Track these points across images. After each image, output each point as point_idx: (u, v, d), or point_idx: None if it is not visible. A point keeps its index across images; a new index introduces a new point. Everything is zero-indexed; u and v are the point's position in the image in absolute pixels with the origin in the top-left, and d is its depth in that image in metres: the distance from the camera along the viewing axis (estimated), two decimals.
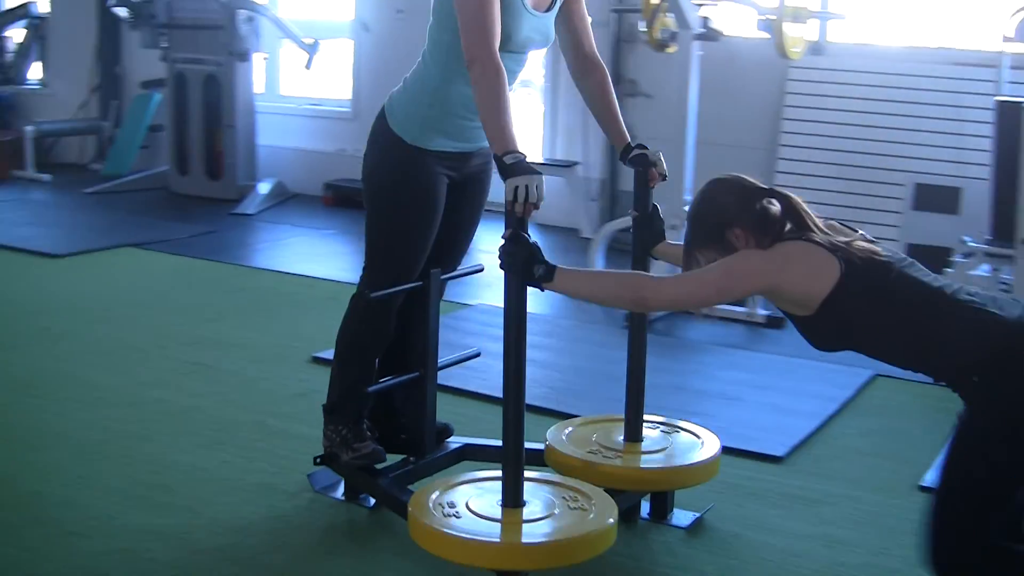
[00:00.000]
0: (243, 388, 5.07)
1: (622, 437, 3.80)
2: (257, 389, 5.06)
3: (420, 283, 3.78)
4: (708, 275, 2.96)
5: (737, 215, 2.97)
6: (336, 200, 9.65)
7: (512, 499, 3.22)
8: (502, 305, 3.15)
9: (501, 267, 3.10)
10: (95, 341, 5.74)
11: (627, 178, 7.89)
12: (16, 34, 12.38)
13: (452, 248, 3.93)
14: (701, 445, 3.80)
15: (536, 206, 3.09)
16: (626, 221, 5.76)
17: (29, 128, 10.95)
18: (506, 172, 3.12)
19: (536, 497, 3.31)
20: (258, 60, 10.09)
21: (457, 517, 3.19)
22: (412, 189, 3.69)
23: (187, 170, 10.13)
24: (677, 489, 3.86)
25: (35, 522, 3.70)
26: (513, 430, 3.19)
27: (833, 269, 2.83)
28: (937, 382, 2.89)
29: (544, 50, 3.72)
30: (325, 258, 7.84)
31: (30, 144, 10.90)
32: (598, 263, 6.72)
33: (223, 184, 9.90)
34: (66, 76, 11.94)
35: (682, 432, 3.91)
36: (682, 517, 3.86)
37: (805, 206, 2.98)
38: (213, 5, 9.64)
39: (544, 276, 3.04)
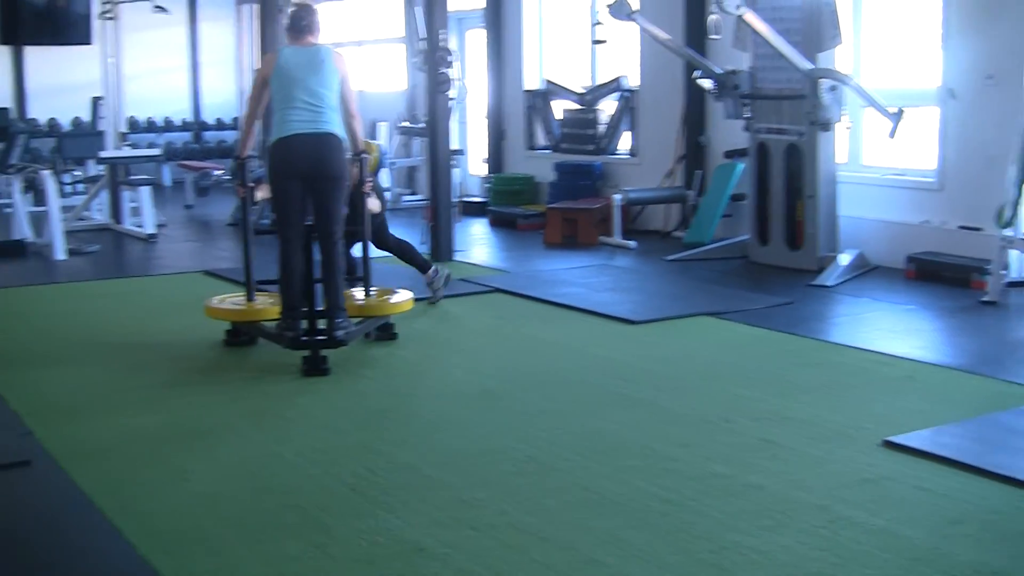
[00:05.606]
0: (808, 468, 4.90)
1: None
2: (823, 471, 4.87)
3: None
4: None
5: None
6: (919, 274, 9.26)
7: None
8: None
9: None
10: (665, 410, 5.80)
11: None
12: (608, 106, 13.00)
13: None
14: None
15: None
16: None
17: (617, 196, 11.43)
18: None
19: None
20: (841, 129, 9.91)
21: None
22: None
23: (767, 240, 10.13)
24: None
25: None
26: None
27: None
28: None
29: None
30: (904, 335, 7.50)
31: (618, 212, 11.38)
32: None
33: (803, 254, 9.80)
34: (654, 146, 12.38)
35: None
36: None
37: None
38: (797, 75, 9.60)
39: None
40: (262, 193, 7.53)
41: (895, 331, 7.62)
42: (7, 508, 4.67)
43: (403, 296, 7.50)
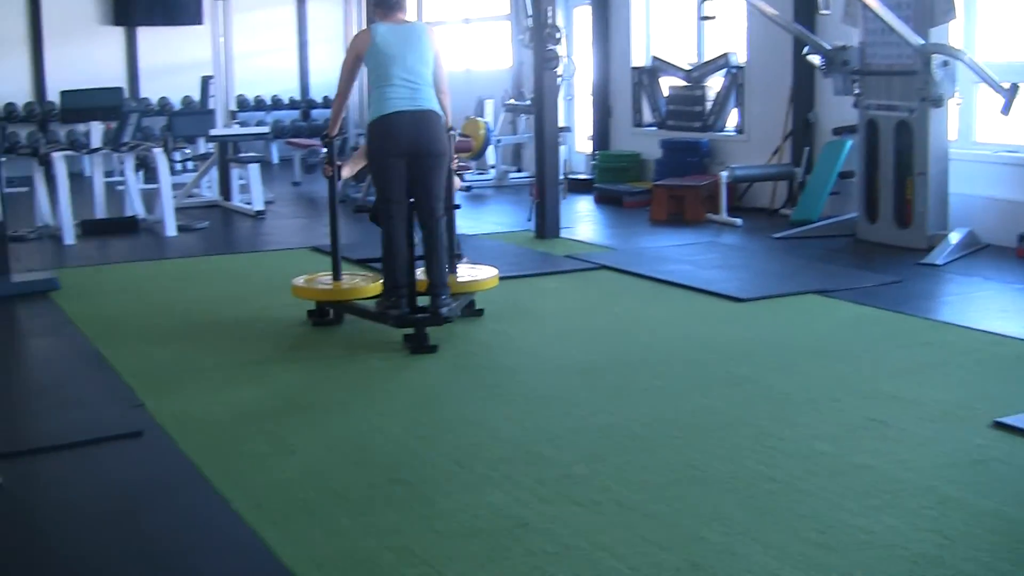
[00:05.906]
0: (916, 448, 4.82)
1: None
2: (932, 451, 4.79)
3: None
4: None
5: None
6: None
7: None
8: None
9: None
10: (771, 388, 5.75)
11: None
12: (715, 83, 12.88)
13: None
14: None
15: None
16: None
17: (724, 173, 11.33)
18: None
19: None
20: (952, 105, 9.71)
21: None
22: None
23: (876, 217, 9.98)
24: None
25: (693, 568, 3.73)
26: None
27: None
28: None
29: None
30: (1016, 315, 7.34)
31: (725, 189, 11.28)
32: None
33: (912, 233, 9.63)
34: (761, 123, 12.24)
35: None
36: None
37: None
38: (908, 51, 9.42)
39: None
40: (348, 171, 7.61)
41: (1006, 311, 7.46)
42: (120, 478, 4.79)
43: (491, 272, 7.54)
